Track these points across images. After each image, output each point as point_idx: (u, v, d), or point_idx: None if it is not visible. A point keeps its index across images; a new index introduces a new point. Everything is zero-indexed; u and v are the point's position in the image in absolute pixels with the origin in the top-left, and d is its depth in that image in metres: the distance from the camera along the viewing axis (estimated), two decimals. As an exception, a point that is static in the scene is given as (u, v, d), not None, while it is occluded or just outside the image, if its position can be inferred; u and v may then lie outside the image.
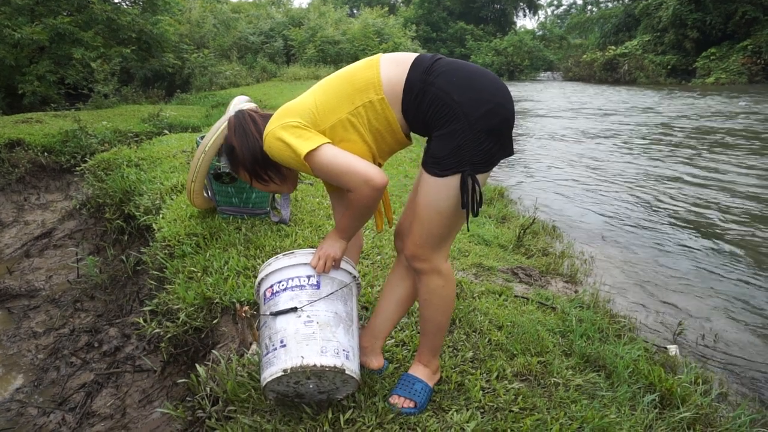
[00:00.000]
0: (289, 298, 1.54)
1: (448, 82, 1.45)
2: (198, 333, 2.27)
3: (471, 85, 1.45)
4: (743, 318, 3.35)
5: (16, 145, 5.69)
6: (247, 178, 1.69)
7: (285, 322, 1.51)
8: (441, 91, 1.45)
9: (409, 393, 1.66)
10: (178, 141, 5.69)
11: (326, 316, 1.52)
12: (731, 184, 6.58)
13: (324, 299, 1.55)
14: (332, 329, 1.51)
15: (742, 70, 23.83)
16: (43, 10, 10.71)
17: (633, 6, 34.08)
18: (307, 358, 1.44)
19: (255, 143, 1.61)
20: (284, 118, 1.54)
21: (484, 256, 3.33)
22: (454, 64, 1.50)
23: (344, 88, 1.53)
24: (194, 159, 2.68)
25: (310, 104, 1.55)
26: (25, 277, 4.14)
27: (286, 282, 1.58)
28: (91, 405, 2.64)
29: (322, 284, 1.58)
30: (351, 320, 1.60)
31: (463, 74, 1.47)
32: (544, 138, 10.87)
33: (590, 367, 2.07)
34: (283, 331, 1.50)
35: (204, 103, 11.31)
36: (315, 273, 1.59)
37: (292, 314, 1.51)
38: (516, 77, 36.85)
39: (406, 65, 1.50)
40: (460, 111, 1.43)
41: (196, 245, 2.73)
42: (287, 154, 1.50)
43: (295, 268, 1.59)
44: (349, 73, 1.56)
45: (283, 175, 1.68)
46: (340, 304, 1.58)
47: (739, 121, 11.89)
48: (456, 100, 1.43)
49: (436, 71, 1.47)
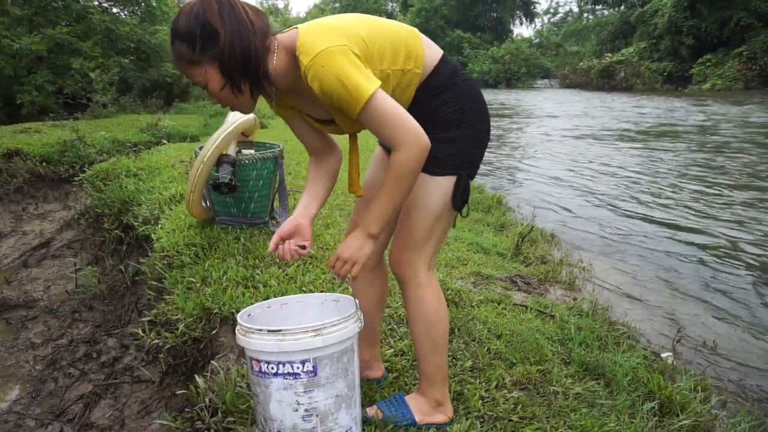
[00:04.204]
0: (283, 387, 1.33)
1: (468, 89, 1.47)
2: (197, 343, 2.26)
3: (480, 100, 1.51)
4: (743, 325, 3.36)
5: (14, 155, 5.70)
6: (214, 77, 1.28)
7: (281, 412, 1.35)
8: (463, 95, 1.45)
9: (388, 412, 1.58)
10: (177, 151, 5.71)
11: (326, 406, 1.36)
12: (731, 191, 6.61)
13: (323, 387, 1.35)
14: (333, 416, 1.38)
15: (738, 77, 24.00)
16: (42, 21, 10.77)
17: (629, 13, 34.38)
18: None
19: (250, 37, 1.24)
20: (337, 39, 1.24)
21: (482, 265, 3.33)
22: (470, 78, 1.53)
23: (394, 41, 1.37)
24: (193, 169, 2.69)
25: (359, 34, 1.30)
26: (23, 288, 4.14)
27: (276, 366, 1.33)
28: (90, 416, 2.63)
29: (320, 369, 1.33)
30: (353, 389, 1.43)
31: (477, 90, 1.51)
32: (541, 145, 10.91)
33: (589, 376, 2.07)
34: (279, 422, 1.36)
35: (202, 112, 11.35)
36: (310, 357, 1.32)
37: (287, 405, 1.35)
38: (513, 85, 37.02)
39: (438, 55, 1.45)
40: (471, 120, 1.46)
41: (194, 255, 2.73)
42: (336, 85, 1.22)
43: (287, 354, 1.31)
44: (395, 30, 1.40)
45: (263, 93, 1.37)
46: (341, 380, 1.38)
47: (739, 127, 11.95)
48: (469, 109, 1.46)
49: (462, 76, 1.48)
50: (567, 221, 5.59)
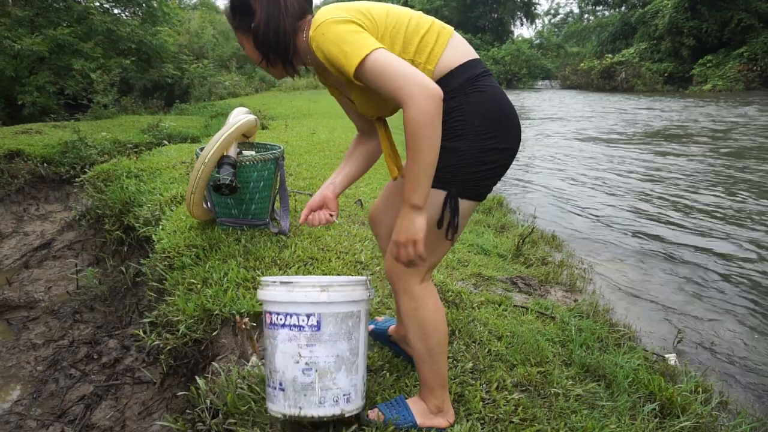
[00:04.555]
0: (287, 339, 1.44)
1: (480, 102, 1.38)
2: (198, 345, 2.27)
3: (494, 116, 1.40)
4: (744, 326, 3.36)
5: (15, 155, 5.71)
6: (250, 48, 1.46)
7: (283, 363, 1.45)
8: (471, 106, 1.37)
9: (389, 414, 1.56)
10: (178, 152, 5.71)
11: (326, 363, 1.44)
12: (732, 191, 6.60)
13: (325, 343, 1.44)
14: (332, 375, 1.45)
15: (739, 77, 23.99)
16: (43, 22, 10.78)
17: (629, 14, 34.38)
18: (304, 409, 1.44)
19: (282, 18, 1.37)
20: (342, 14, 1.32)
21: (483, 266, 3.34)
22: (495, 90, 1.42)
23: (410, 31, 1.39)
24: (194, 170, 2.69)
25: (371, 14, 1.37)
26: (24, 288, 4.14)
27: (284, 317, 1.45)
28: (91, 417, 2.63)
29: (323, 324, 1.43)
30: (356, 354, 1.49)
31: (495, 104, 1.41)
32: (543, 146, 10.91)
33: (590, 377, 2.07)
34: (281, 374, 1.45)
35: (203, 113, 11.35)
36: (315, 312, 1.42)
37: (290, 356, 1.44)
38: (514, 86, 37.02)
39: (462, 60, 1.40)
40: (474, 135, 1.37)
41: (195, 257, 2.73)
42: (334, 50, 1.27)
43: (294, 305, 1.43)
44: (416, 22, 1.41)
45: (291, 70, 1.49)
46: (344, 342, 1.46)
47: (740, 129, 11.94)
48: (476, 124, 1.37)
49: (479, 86, 1.39)
50: (568, 222, 5.59)
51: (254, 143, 3.18)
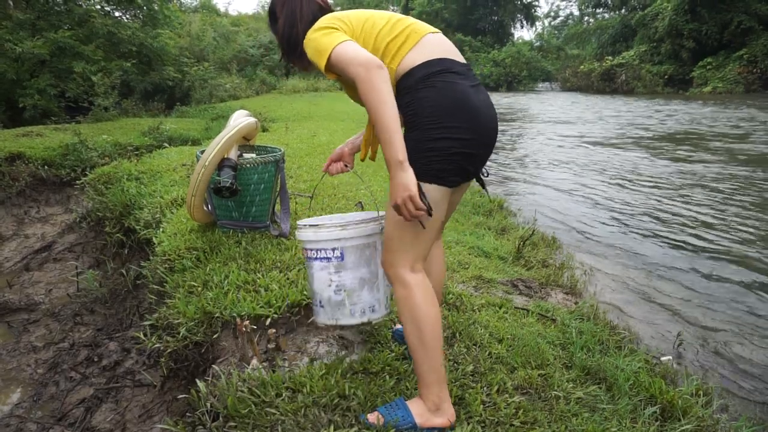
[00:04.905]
0: (320, 268, 1.82)
1: (429, 96, 1.50)
2: (198, 348, 2.26)
3: (449, 109, 1.50)
4: (745, 329, 3.35)
5: (16, 158, 5.72)
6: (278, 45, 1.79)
7: (320, 287, 1.84)
8: (419, 100, 1.51)
9: (389, 416, 1.58)
10: (178, 154, 5.72)
11: (352, 284, 1.82)
12: (732, 194, 6.60)
13: (349, 269, 1.80)
14: (358, 293, 1.83)
15: (739, 80, 23.99)
16: (45, 25, 10.81)
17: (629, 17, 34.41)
18: (340, 320, 1.86)
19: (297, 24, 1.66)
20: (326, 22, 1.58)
21: (483, 269, 3.33)
22: (451, 86, 1.51)
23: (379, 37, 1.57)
24: (194, 173, 2.70)
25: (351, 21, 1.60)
26: (24, 291, 4.14)
27: (316, 252, 1.82)
28: (91, 420, 2.63)
29: (346, 255, 1.79)
30: (375, 276, 1.84)
31: (448, 98, 1.50)
32: (543, 148, 10.92)
33: (591, 380, 2.07)
34: (320, 294, 1.86)
35: (204, 115, 11.36)
36: (339, 246, 1.77)
37: (324, 282, 1.82)
38: (514, 88, 37.06)
39: (423, 59, 1.54)
40: (423, 125, 1.50)
41: (196, 259, 2.73)
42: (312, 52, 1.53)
43: (322, 243, 1.79)
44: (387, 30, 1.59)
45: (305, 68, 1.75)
46: (364, 267, 1.82)
47: (741, 131, 11.95)
48: (425, 115, 1.50)
49: (431, 82, 1.51)
50: (569, 225, 5.59)
51: (255, 146, 3.18)
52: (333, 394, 1.74)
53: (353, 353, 2.10)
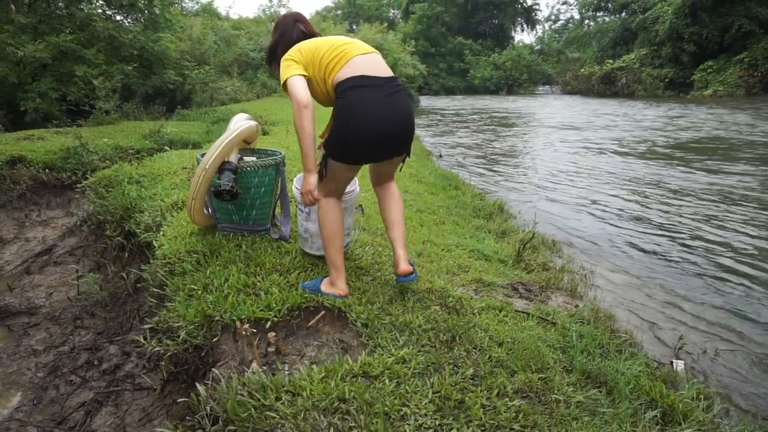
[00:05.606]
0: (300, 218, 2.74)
1: (339, 106, 2.20)
2: (198, 351, 2.26)
3: (345, 119, 2.18)
4: (745, 333, 3.35)
5: (17, 161, 5.72)
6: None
7: (300, 229, 2.78)
8: (338, 106, 2.21)
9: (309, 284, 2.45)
10: (179, 157, 5.72)
11: (315, 229, 2.63)
12: (733, 197, 6.60)
13: (311, 221, 2.65)
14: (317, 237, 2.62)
15: (740, 83, 24.03)
16: (46, 29, 10.84)
17: (630, 20, 34.48)
18: (308, 250, 2.79)
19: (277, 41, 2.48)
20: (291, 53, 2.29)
21: (484, 272, 3.33)
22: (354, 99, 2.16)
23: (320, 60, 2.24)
24: (195, 177, 2.70)
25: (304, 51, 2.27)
26: (25, 294, 4.14)
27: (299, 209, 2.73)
28: (91, 424, 2.63)
29: (312, 210, 2.61)
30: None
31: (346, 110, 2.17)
32: (543, 151, 10.92)
33: (591, 384, 2.07)
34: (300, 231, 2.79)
35: (205, 119, 11.36)
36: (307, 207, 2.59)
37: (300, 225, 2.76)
38: (515, 91, 37.11)
39: (348, 75, 2.19)
40: (336, 123, 2.23)
41: (196, 262, 2.73)
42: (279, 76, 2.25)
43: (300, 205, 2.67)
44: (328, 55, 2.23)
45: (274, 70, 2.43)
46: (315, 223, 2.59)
47: (742, 133, 11.95)
48: (336, 121, 2.23)
49: (344, 95, 2.17)
50: (569, 228, 5.59)
51: (255, 149, 3.18)
52: (333, 398, 1.74)
53: (353, 357, 2.10)
